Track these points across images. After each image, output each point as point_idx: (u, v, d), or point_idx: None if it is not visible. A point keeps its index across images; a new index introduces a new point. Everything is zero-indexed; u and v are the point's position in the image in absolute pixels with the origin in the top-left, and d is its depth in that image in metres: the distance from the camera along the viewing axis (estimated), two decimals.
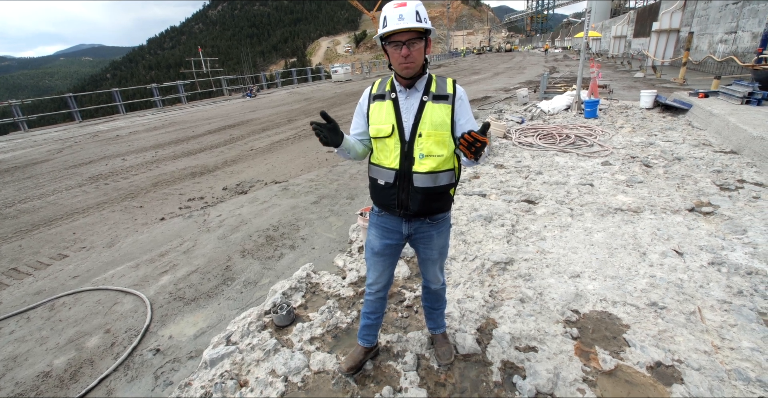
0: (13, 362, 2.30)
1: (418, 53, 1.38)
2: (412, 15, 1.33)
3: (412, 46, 1.36)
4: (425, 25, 1.36)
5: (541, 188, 4.19)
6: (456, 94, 1.48)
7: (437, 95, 1.46)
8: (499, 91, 13.46)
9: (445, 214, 1.63)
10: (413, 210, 1.53)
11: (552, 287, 2.45)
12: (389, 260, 1.71)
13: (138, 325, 2.53)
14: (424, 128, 1.46)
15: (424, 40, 1.39)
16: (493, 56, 50.50)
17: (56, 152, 9.11)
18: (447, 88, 1.48)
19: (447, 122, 1.46)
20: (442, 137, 1.47)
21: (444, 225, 1.64)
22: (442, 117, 1.46)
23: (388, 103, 1.50)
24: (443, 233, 1.65)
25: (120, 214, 4.60)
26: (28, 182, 6.48)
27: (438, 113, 1.46)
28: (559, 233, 3.16)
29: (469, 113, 1.51)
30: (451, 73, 25.02)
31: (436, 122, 1.45)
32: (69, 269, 3.36)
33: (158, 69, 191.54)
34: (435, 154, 1.47)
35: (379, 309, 1.86)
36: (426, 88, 1.48)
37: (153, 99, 17.24)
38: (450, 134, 1.48)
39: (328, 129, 1.43)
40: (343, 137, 1.50)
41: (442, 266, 1.78)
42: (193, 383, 1.97)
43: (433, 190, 1.50)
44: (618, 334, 2.03)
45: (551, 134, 6.33)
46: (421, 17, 1.35)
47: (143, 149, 8.51)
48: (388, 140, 1.50)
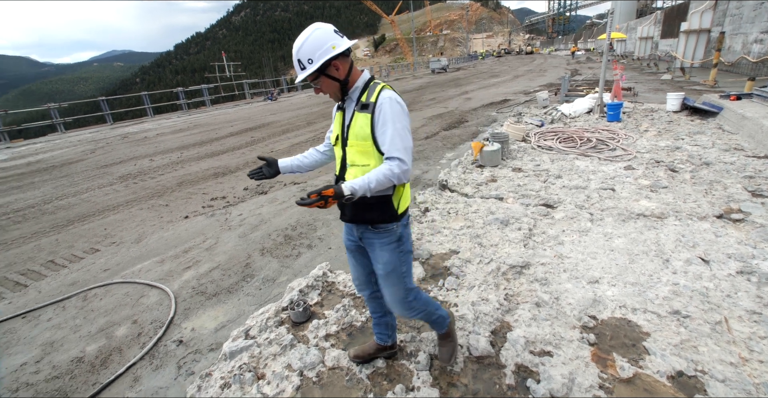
0: (51, 347, 2.46)
1: (325, 86, 1.47)
2: (297, 66, 1.42)
3: (317, 84, 1.48)
4: (308, 72, 1.40)
5: (560, 192, 4.12)
6: (377, 102, 1.42)
7: (364, 104, 1.46)
8: (518, 94, 13.29)
9: (389, 225, 1.54)
10: (348, 216, 1.58)
11: (569, 292, 2.41)
12: (358, 259, 1.75)
13: (163, 317, 2.65)
14: (350, 137, 1.51)
15: (323, 75, 1.43)
16: (513, 59, 49.86)
17: (90, 152, 9.61)
18: (372, 97, 1.44)
19: (367, 132, 1.44)
20: (364, 147, 1.47)
21: (388, 237, 1.55)
22: (362, 127, 1.45)
23: (339, 113, 1.58)
24: (387, 247, 1.56)
25: (147, 212, 4.81)
26: (64, 180, 6.87)
27: (360, 123, 1.46)
28: (577, 237, 3.11)
29: (389, 125, 1.39)
30: (470, 76, 24.88)
31: (357, 132, 1.47)
32: (100, 263, 3.55)
33: (184, 73, 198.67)
34: (358, 163, 1.50)
35: (377, 309, 1.87)
36: (359, 97, 1.49)
37: (179, 102, 17.91)
38: (373, 143, 1.45)
39: (267, 166, 1.67)
40: (278, 166, 1.69)
41: (395, 294, 1.61)
42: (213, 373, 2.05)
43: (361, 199, 1.43)
44: (637, 342, 1.99)
45: (572, 138, 6.21)
46: (304, 63, 1.40)
47: (169, 150, 8.86)
48: (336, 148, 1.61)
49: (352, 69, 1.49)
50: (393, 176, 1.37)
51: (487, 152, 5.26)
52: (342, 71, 1.45)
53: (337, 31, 1.44)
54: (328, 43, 1.39)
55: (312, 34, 1.38)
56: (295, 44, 1.42)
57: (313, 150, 1.77)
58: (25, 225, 4.72)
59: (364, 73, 1.53)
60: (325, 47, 1.39)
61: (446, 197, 4.28)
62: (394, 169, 1.37)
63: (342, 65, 1.44)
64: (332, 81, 1.46)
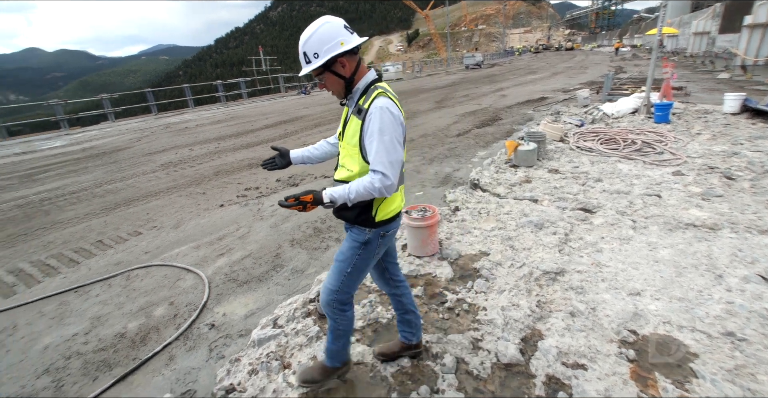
0: (98, 321, 2.64)
1: (329, 83, 1.44)
2: (302, 59, 1.39)
3: (321, 79, 1.45)
4: (312, 67, 1.37)
5: (600, 196, 3.91)
6: (368, 110, 1.37)
7: (360, 108, 1.42)
8: (557, 92, 12.73)
9: (363, 228, 1.52)
10: (334, 211, 1.56)
11: (607, 303, 2.28)
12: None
13: (197, 301, 2.77)
14: (344, 138, 1.51)
15: (328, 71, 1.40)
16: (552, 55, 47.80)
17: (136, 140, 10.21)
18: (367, 102, 1.39)
19: (356, 140, 1.42)
20: (352, 153, 1.46)
21: (356, 235, 1.55)
22: (354, 132, 1.43)
23: (345, 109, 1.58)
24: (350, 242, 1.58)
25: (186, 199, 5.05)
26: (112, 166, 7.34)
27: (352, 128, 1.45)
28: (618, 246, 2.93)
29: (375, 136, 1.34)
30: (505, 72, 24.11)
31: (349, 136, 1.47)
32: (142, 245, 3.76)
33: (223, 67, 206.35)
34: (346, 166, 1.51)
35: (398, 307, 1.86)
36: (358, 99, 1.46)
37: (218, 95, 18.63)
38: (359, 151, 1.42)
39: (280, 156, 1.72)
40: (290, 157, 1.73)
41: (327, 283, 1.63)
42: (242, 359, 2.12)
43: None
44: (684, 362, 1.84)
45: (614, 139, 5.86)
46: (309, 56, 1.37)
47: (207, 140, 9.25)
48: (339, 143, 1.60)
49: (359, 67, 1.45)
50: (374, 189, 1.35)
51: (522, 151, 5.07)
52: (348, 69, 1.40)
53: (348, 27, 1.39)
54: (337, 38, 1.35)
55: (321, 28, 1.34)
56: (302, 36, 1.37)
57: (324, 142, 1.76)
58: (79, 206, 5.10)
59: (369, 73, 1.48)
60: (334, 42, 1.34)
61: (477, 196, 4.18)
62: (375, 183, 1.34)
63: (349, 63, 1.40)
64: (337, 78, 1.42)
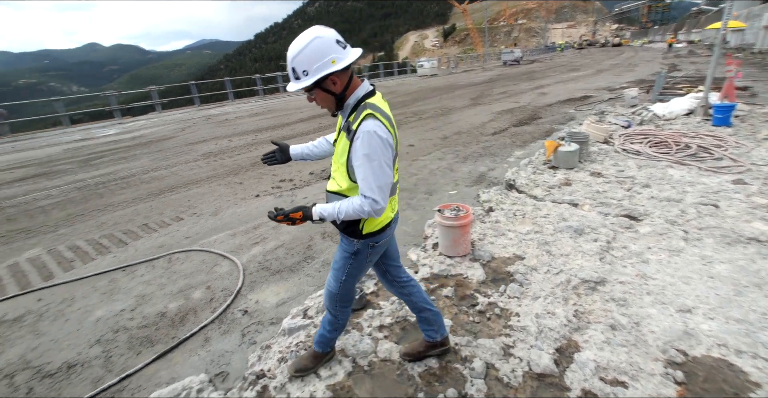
0: (142, 299, 2.82)
1: (319, 99, 1.39)
2: (291, 74, 1.33)
3: (311, 95, 1.39)
4: (301, 85, 1.31)
5: (648, 203, 3.65)
6: (356, 133, 1.31)
7: (349, 128, 1.36)
8: (601, 91, 12.03)
9: (351, 239, 1.54)
10: None
11: (653, 318, 2.13)
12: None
13: (231, 286, 2.88)
14: (335, 153, 1.49)
15: (318, 87, 1.34)
16: (597, 51, 45.22)
17: (179, 130, 10.77)
18: (355, 123, 1.33)
19: (344, 159, 1.40)
20: (340, 169, 1.45)
21: (346, 245, 1.59)
22: (343, 151, 1.41)
23: (339, 119, 1.53)
24: (342, 252, 1.62)
25: (224, 188, 5.26)
26: (158, 154, 7.79)
27: (341, 145, 1.42)
28: (667, 257, 2.73)
29: (363, 161, 1.30)
30: (546, 69, 23.10)
31: (338, 154, 1.45)
32: (183, 230, 3.97)
33: (262, 61, 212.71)
34: (336, 180, 1.51)
35: (412, 307, 1.87)
36: (348, 116, 1.41)
37: (256, 88, 19.21)
38: (346, 170, 1.41)
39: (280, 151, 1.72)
40: (289, 153, 1.73)
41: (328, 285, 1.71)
42: (273, 346, 2.18)
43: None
44: (742, 391, 1.68)
45: (665, 142, 5.45)
46: (298, 73, 1.30)
47: (245, 132, 9.58)
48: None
49: (351, 82, 1.37)
50: (363, 212, 1.36)
51: (563, 152, 4.84)
52: (339, 85, 1.34)
53: (340, 41, 1.30)
54: (329, 56, 1.27)
55: (311, 44, 1.25)
56: (290, 49, 1.29)
57: (323, 139, 1.74)
58: (128, 191, 5.46)
59: (360, 88, 1.40)
60: (325, 60, 1.27)
61: (513, 197, 4.04)
62: (365, 207, 1.35)
63: (340, 79, 1.33)
64: (328, 94, 1.36)
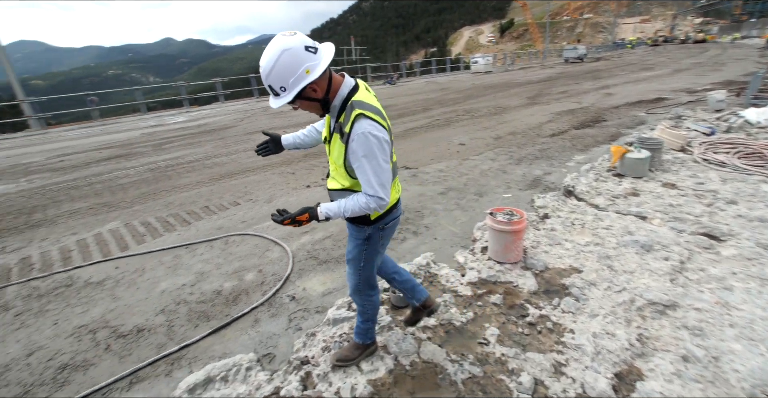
0: (201, 276, 3.04)
1: (304, 107, 1.39)
2: (270, 91, 1.31)
3: (295, 105, 1.38)
4: (283, 102, 1.29)
5: (733, 222, 3.23)
6: (350, 135, 1.32)
7: (341, 129, 1.37)
8: (678, 93, 10.83)
9: (360, 226, 1.61)
10: None
11: (736, 354, 1.88)
12: None
13: (281, 272, 3.01)
14: (330, 153, 1.51)
15: (300, 98, 1.32)
16: (675, 48, 40.69)
17: (239, 120, 11.46)
18: (347, 125, 1.34)
19: (341, 161, 1.42)
20: (339, 170, 1.48)
21: (357, 233, 1.65)
22: (338, 154, 1.42)
23: (327, 117, 1.54)
24: (353, 240, 1.69)
25: (278, 177, 5.51)
26: (220, 142, 8.36)
27: (336, 148, 1.43)
28: (757, 287, 2.39)
29: (363, 162, 1.32)
30: (613, 67, 21.26)
31: (334, 155, 1.46)
32: (240, 215, 4.22)
33: None
34: (336, 179, 1.55)
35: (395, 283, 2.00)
36: (338, 116, 1.40)
37: None
38: (345, 170, 1.45)
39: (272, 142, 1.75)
40: (281, 144, 1.75)
41: (350, 278, 1.80)
42: (317, 335, 2.25)
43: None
44: None
45: (759, 153, 4.78)
46: (276, 90, 1.28)
47: (299, 124, 9.94)
48: (326, 145, 1.57)
49: (332, 84, 1.35)
50: (369, 209, 1.40)
51: (631, 159, 4.43)
52: (320, 91, 1.33)
53: (309, 47, 1.25)
54: (302, 67, 1.24)
55: (280, 59, 1.22)
56: (261, 67, 1.26)
57: (312, 128, 1.75)
58: (192, 174, 5.92)
59: (343, 87, 1.37)
60: (299, 73, 1.24)
61: (571, 205, 3.78)
62: (370, 204, 1.38)
63: (319, 85, 1.32)
64: (311, 102, 1.37)
